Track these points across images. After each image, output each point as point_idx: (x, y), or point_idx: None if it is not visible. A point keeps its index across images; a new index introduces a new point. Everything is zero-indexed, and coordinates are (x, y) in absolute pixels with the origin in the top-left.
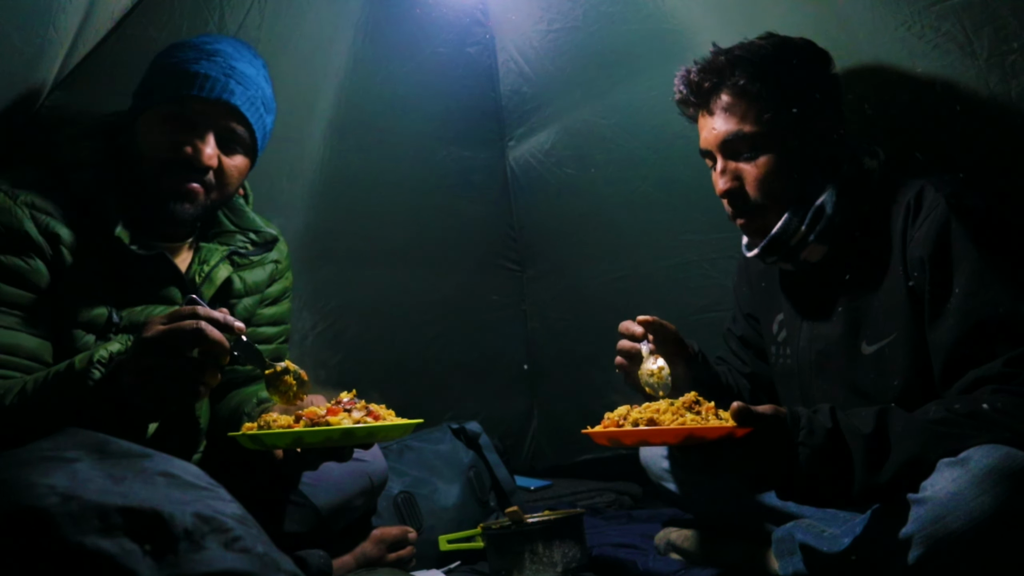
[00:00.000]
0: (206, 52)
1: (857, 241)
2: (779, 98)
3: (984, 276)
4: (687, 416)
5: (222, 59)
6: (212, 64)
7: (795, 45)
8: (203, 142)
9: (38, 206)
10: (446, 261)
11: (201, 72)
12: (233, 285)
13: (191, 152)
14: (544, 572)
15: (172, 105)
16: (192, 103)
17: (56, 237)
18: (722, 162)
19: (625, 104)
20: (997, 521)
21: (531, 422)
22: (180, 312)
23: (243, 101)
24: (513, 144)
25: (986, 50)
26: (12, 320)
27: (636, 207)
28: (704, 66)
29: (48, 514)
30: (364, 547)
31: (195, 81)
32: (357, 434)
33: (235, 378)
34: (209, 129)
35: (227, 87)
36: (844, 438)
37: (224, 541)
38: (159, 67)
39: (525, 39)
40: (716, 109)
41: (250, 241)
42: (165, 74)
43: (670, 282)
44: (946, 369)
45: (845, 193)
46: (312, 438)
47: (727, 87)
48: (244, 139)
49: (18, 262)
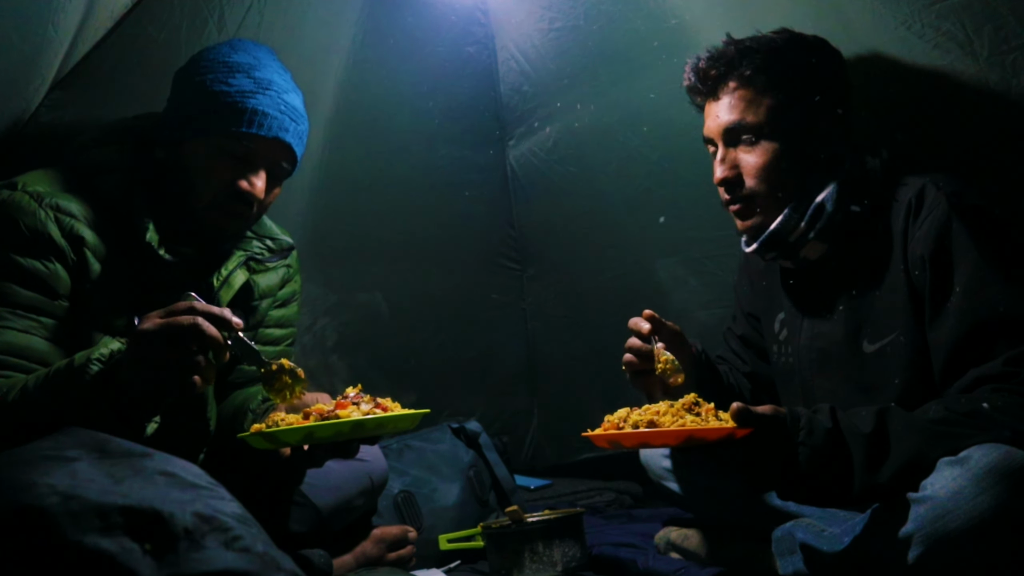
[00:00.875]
0: (260, 84)
1: (858, 240)
2: (785, 91)
3: (984, 275)
4: (687, 418)
5: (275, 93)
6: (268, 99)
7: (807, 42)
8: (257, 178)
9: (63, 209)
10: (446, 260)
11: (260, 109)
12: (250, 289)
13: (246, 187)
14: (544, 571)
15: (228, 139)
16: (249, 140)
17: (81, 240)
18: (722, 150)
19: (626, 102)
20: (997, 520)
21: (531, 421)
22: (177, 307)
23: (295, 139)
24: (513, 143)
25: (986, 49)
26: (27, 323)
27: (637, 204)
28: (714, 55)
29: (48, 513)
30: (364, 546)
31: (254, 119)
32: (367, 426)
33: (238, 378)
34: (264, 167)
35: (283, 125)
36: (844, 438)
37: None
38: (211, 94)
39: (526, 38)
40: (722, 97)
41: (267, 248)
42: (219, 104)
43: (672, 280)
44: (946, 368)
45: (846, 191)
46: (323, 432)
47: (734, 76)
48: (288, 171)
49: (38, 266)
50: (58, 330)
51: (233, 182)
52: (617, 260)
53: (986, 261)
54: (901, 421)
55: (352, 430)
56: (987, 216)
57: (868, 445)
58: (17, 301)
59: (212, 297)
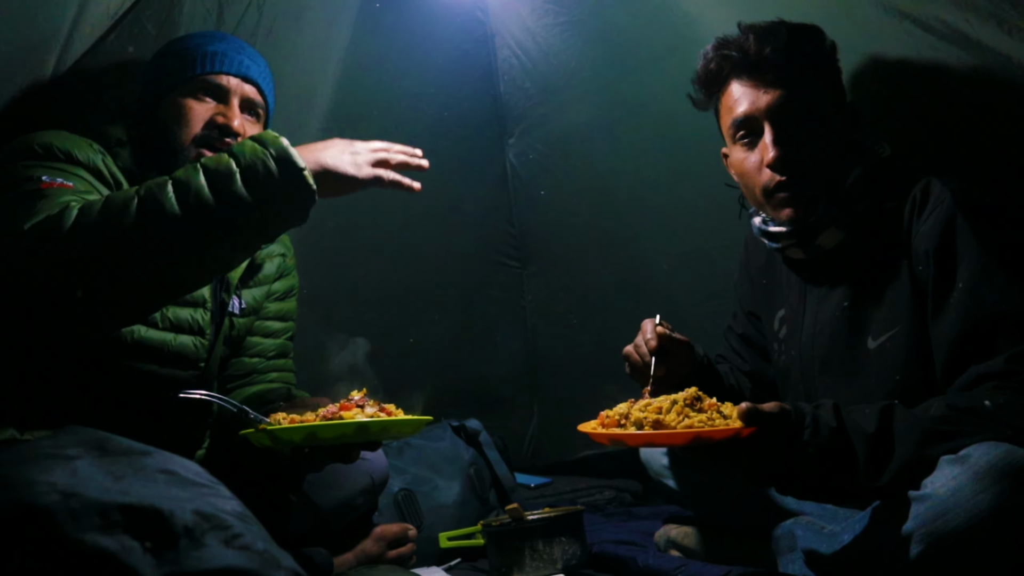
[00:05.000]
0: (216, 37)
1: (868, 230)
2: (822, 74)
3: (988, 272)
4: (693, 417)
5: (232, 41)
6: (226, 44)
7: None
8: (231, 110)
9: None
10: (445, 258)
11: (219, 51)
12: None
13: (223, 121)
14: (544, 569)
15: (194, 84)
16: (215, 78)
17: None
18: (772, 131)
19: (629, 96)
20: (997, 518)
21: (531, 419)
22: None
23: (259, 76)
24: (513, 142)
25: (991, 42)
26: None
27: (640, 201)
28: (764, 31)
29: (48, 511)
30: (365, 545)
31: (215, 59)
32: (371, 428)
33: (240, 371)
34: (234, 99)
35: (243, 63)
36: (849, 437)
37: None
38: (171, 54)
39: (527, 33)
40: (769, 72)
41: None
42: (180, 58)
43: (675, 271)
44: (948, 364)
45: (866, 178)
46: (326, 433)
47: (782, 50)
48: (261, 108)
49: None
50: None
51: (209, 119)
52: (618, 256)
53: (990, 258)
54: (903, 419)
55: (356, 432)
56: (991, 212)
57: (872, 444)
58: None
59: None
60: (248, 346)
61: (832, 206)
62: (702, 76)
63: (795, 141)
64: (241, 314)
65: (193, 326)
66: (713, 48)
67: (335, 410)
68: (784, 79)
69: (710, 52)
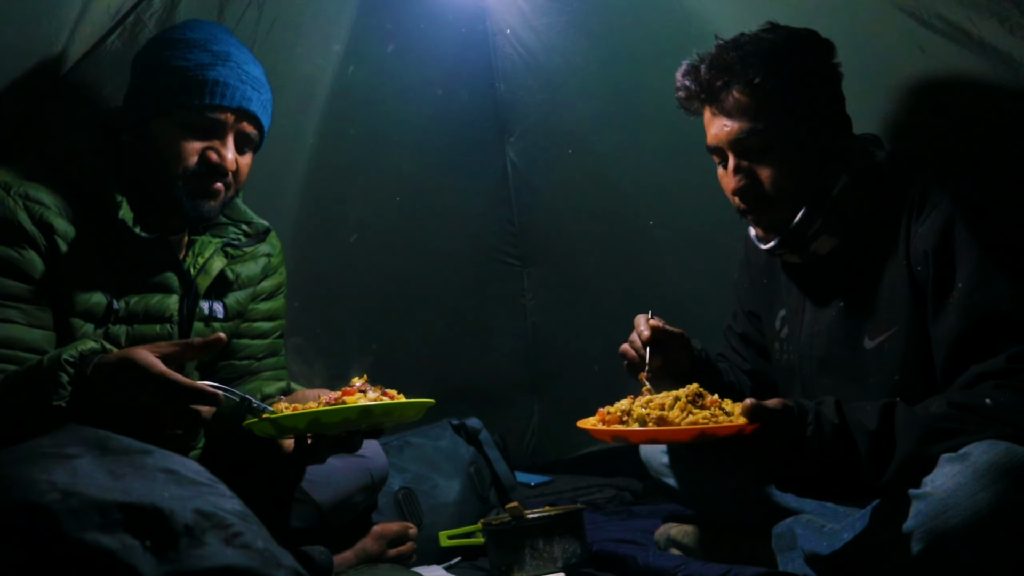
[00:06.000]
0: (218, 56)
1: (863, 234)
2: (791, 93)
3: (987, 271)
4: (696, 413)
5: (235, 64)
6: (228, 70)
7: (801, 36)
8: (226, 148)
9: (31, 197)
10: (445, 256)
11: (221, 80)
12: (227, 277)
13: (215, 159)
14: (544, 568)
15: (191, 113)
16: (213, 111)
17: (51, 228)
18: (734, 160)
19: (631, 93)
20: (997, 516)
21: (531, 417)
22: (203, 392)
23: (259, 107)
24: (514, 140)
25: (992, 41)
26: (9, 312)
27: (641, 198)
28: (714, 62)
29: (49, 510)
30: (364, 543)
31: (215, 90)
32: (375, 412)
33: (230, 374)
34: (230, 135)
35: (245, 94)
36: (851, 435)
37: (225, 537)
38: (170, 69)
39: (528, 30)
40: (727, 106)
41: (243, 232)
42: (179, 79)
43: (676, 269)
44: (948, 364)
45: (857, 184)
46: (330, 418)
47: (739, 84)
48: (255, 140)
49: (12, 253)
50: (45, 318)
51: (202, 155)
52: (619, 254)
53: (989, 257)
54: (904, 417)
55: (359, 416)
56: (991, 212)
57: (873, 443)
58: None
59: (190, 285)
60: (237, 349)
61: (819, 216)
62: (678, 100)
63: (753, 174)
64: (224, 319)
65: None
66: (680, 74)
67: (338, 395)
68: (744, 109)
69: (677, 79)
